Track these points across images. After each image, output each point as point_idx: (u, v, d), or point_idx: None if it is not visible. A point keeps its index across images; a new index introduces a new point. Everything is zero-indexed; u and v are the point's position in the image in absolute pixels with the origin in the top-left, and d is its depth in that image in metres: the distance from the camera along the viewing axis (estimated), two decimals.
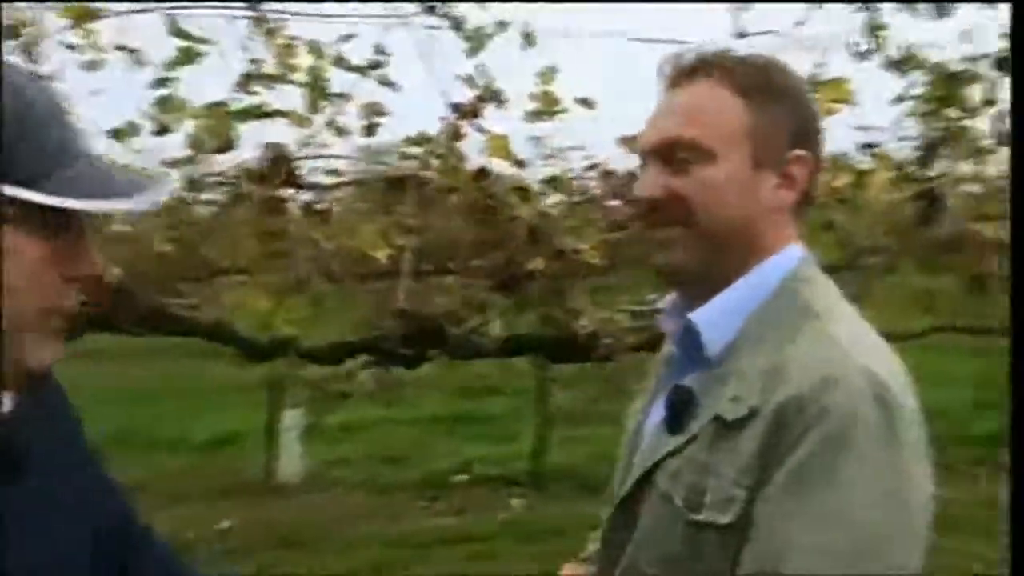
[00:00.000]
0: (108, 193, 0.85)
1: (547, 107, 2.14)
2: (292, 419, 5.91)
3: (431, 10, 2.27)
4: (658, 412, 1.15)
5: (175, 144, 2.23)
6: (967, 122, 2.29)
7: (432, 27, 2.34)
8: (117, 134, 2.26)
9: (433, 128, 2.30)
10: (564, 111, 2.15)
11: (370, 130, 2.19)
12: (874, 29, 2.28)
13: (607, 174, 2.70)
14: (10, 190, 0.78)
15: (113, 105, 2.33)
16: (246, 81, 2.30)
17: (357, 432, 6.58)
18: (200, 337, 2.08)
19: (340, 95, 2.39)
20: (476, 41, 2.10)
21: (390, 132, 2.32)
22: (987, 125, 2.36)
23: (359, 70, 2.31)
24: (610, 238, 2.04)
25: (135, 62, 2.33)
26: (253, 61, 2.32)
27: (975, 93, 2.35)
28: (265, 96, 2.34)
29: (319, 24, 2.30)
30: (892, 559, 0.93)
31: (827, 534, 0.92)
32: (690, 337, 1.09)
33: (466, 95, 2.30)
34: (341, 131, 2.39)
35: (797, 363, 0.97)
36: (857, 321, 1.06)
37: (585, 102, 2.21)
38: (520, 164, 2.07)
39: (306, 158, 2.06)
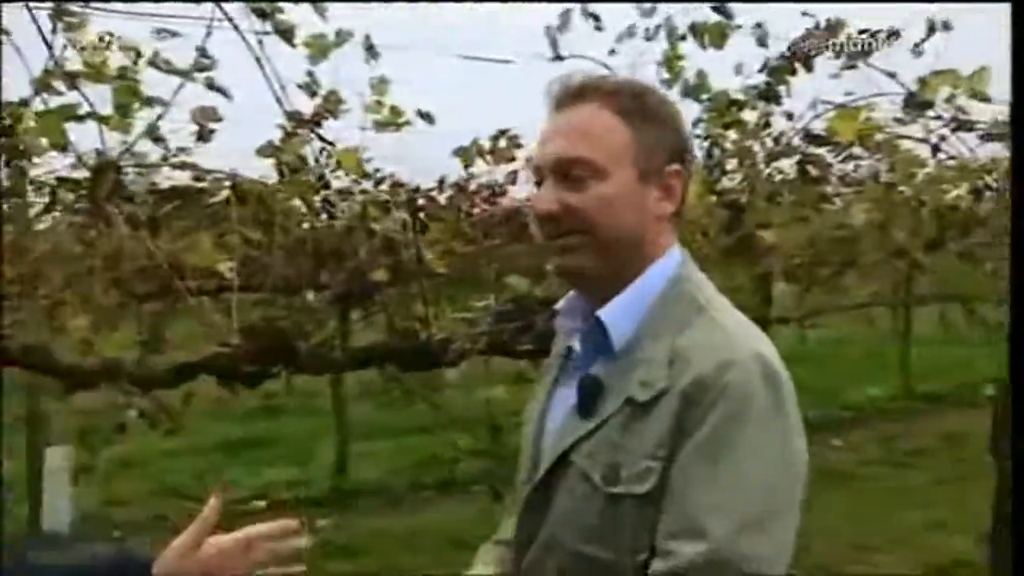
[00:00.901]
0: None
1: (392, 119, 2.17)
2: (55, 458, 5.26)
3: (262, 15, 2.20)
4: (563, 403, 1.26)
5: None
6: (747, 142, 2.67)
7: (262, 32, 2.27)
8: None
9: (266, 136, 2.24)
10: (408, 123, 2.19)
11: (202, 136, 2.07)
12: (673, 59, 2.58)
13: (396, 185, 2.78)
14: None
15: None
16: (47, 78, 2.07)
17: (136, 467, 6.01)
18: (6, 365, 1.83)
19: (153, 99, 2.24)
20: (317, 49, 2.08)
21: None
22: (761, 146, 2.77)
23: (181, 73, 2.17)
24: (457, 249, 2.12)
25: None
26: (55, 58, 2.09)
27: (751, 117, 2.75)
28: (69, 98, 2.13)
29: (135, 22, 2.13)
30: (783, 521, 1.11)
31: (735, 497, 1.07)
32: (598, 332, 1.21)
33: (302, 104, 2.27)
34: (159, 139, 2.23)
35: (696, 349, 1.12)
36: (733, 310, 1.23)
37: (426, 116, 2.27)
38: (367, 176, 2.08)
39: (137, 167, 1.90)
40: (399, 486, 5.89)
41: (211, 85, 2.14)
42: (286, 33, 2.33)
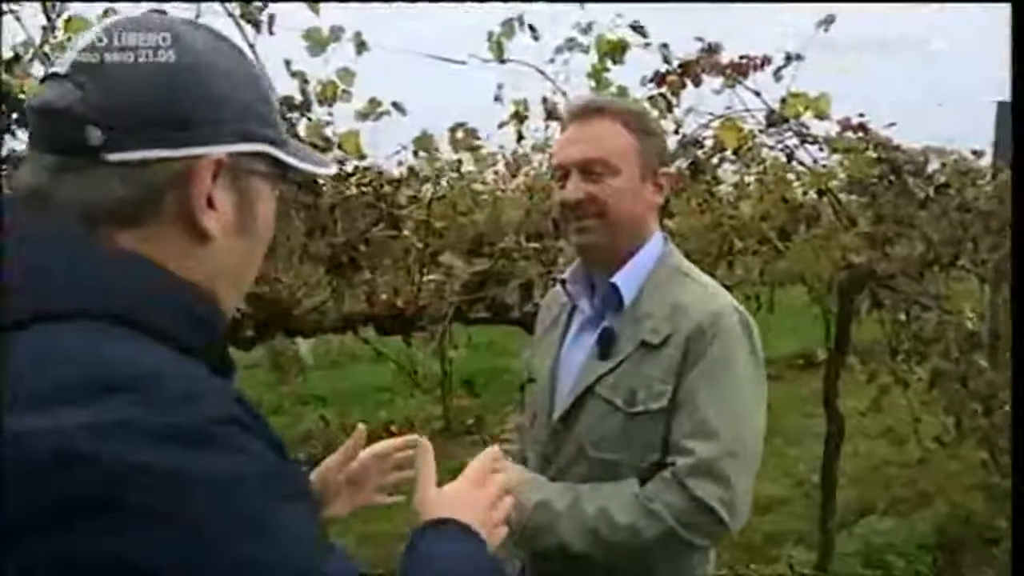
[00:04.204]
0: (318, 161, 0.90)
1: (371, 108, 2.41)
2: None
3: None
4: (579, 349, 1.64)
5: None
6: None
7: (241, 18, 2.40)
8: None
9: None
10: (387, 113, 2.44)
11: None
12: (599, 71, 3.01)
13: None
14: (279, 153, 0.80)
15: None
16: (15, 61, 2.10)
17: None
18: None
19: None
20: (315, 42, 2.27)
21: None
22: None
23: None
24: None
25: None
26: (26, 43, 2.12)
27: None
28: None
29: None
30: (759, 427, 1.55)
31: (732, 409, 1.50)
32: (611, 293, 1.59)
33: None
34: None
35: (691, 304, 1.54)
36: (704, 275, 1.66)
37: (399, 107, 2.52)
38: (363, 157, 2.31)
39: None
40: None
41: None
42: (255, 22, 2.48)
